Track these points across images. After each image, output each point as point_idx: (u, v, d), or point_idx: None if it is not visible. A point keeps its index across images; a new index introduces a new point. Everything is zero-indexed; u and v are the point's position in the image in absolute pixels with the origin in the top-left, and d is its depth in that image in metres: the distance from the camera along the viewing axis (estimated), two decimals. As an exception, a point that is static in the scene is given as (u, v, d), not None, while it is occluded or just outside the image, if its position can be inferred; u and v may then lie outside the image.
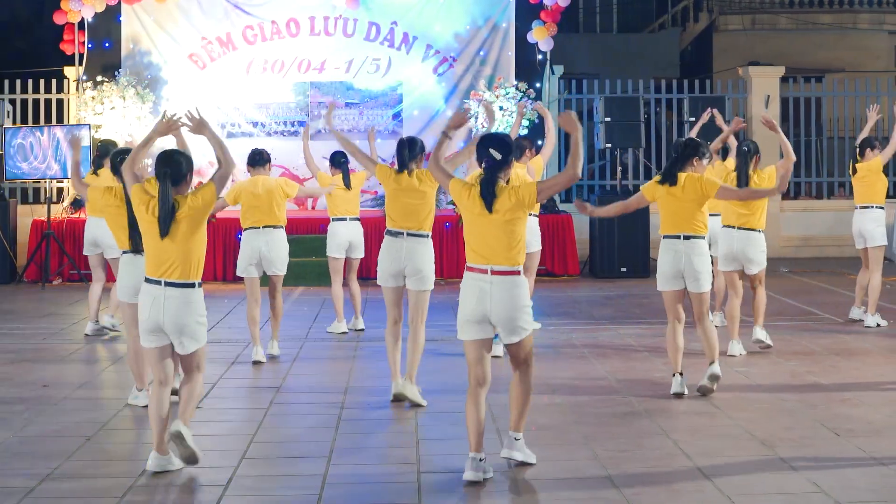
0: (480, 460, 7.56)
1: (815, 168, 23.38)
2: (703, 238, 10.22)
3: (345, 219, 13.42)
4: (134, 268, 9.25)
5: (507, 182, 7.83)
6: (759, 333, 12.18)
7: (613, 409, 9.60)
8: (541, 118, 20.27)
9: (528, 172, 12.20)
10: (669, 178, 10.22)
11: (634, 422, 9.17)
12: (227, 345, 12.63)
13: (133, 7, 20.64)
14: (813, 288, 17.51)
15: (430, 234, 10.08)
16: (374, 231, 18.40)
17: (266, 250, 11.98)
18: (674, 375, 10.14)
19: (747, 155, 12.20)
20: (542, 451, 8.08)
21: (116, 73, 20.43)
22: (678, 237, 10.17)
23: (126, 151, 9.44)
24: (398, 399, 9.86)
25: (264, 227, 12.00)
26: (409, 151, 10.14)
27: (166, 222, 7.75)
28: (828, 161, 24.09)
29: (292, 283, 16.94)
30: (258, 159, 12.19)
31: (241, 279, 12.34)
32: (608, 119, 19.49)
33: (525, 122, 19.77)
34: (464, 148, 9.54)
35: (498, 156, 7.75)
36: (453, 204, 18.79)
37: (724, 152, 13.47)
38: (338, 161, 13.50)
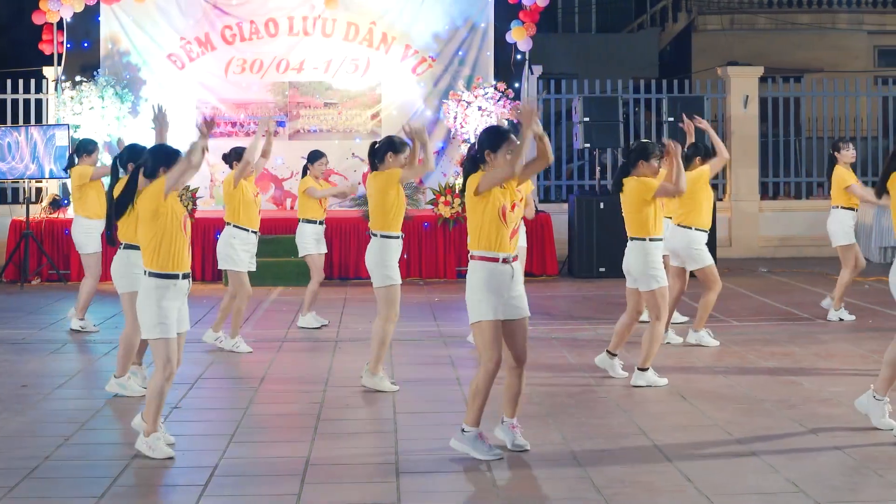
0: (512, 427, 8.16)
1: (794, 168, 23.43)
2: (644, 240, 10.26)
3: (299, 220, 13.95)
4: (128, 260, 9.64)
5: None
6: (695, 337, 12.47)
7: (592, 409, 9.62)
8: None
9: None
10: (616, 187, 10.38)
11: (613, 421, 9.18)
12: (206, 344, 12.59)
13: (112, 7, 20.55)
14: (791, 288, 17.55)
15: (386, 233, 10.22)
16: (353, 231, 18.40)
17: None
18: (606, 351, 10.55)
19: (685, 160, 12.29)
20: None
21: (95, 73, 20.34)
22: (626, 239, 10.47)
23: (132, 149, 9.52)
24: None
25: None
26: (370, 154, 10.37)
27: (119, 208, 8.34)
28: (806, 161, 24.14)
29: (270, 282, 16.91)
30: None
31: (219, 279, 12.44)
32: (587, 119, 19.49)
33: (504, 122, 19.76)
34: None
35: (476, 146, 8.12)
36: (432, 204, 18.87)
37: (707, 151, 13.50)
38: (304, 166, 14.09)
